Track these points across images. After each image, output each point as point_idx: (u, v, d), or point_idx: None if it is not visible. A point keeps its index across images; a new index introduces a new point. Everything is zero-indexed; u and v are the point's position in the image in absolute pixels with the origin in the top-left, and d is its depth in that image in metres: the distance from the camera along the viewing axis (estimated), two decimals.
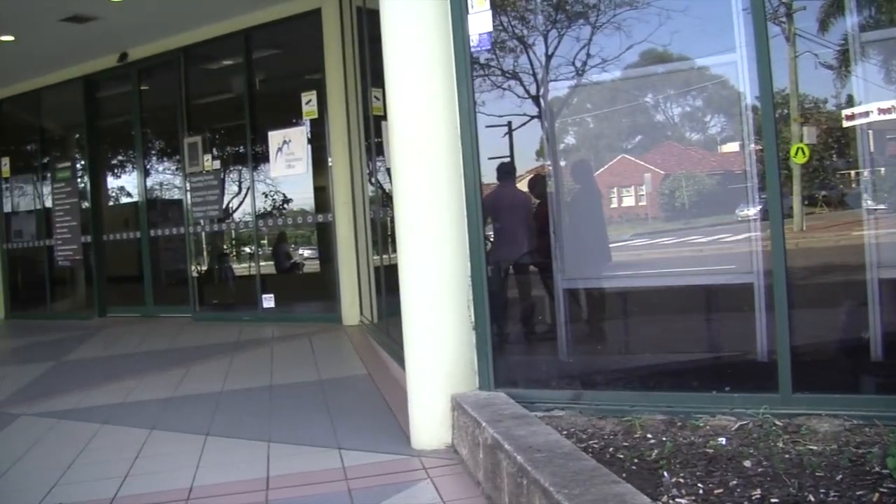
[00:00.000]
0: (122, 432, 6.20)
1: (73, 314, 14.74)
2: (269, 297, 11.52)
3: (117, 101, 14.40)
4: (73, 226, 14.27)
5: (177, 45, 12.39)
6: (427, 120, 5.07)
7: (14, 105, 15.60)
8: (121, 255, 14.26)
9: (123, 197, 15.20)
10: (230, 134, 13.13)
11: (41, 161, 15.42)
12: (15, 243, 15.78)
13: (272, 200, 12.57)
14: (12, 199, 15.92)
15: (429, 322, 5.09)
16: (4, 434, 6.56)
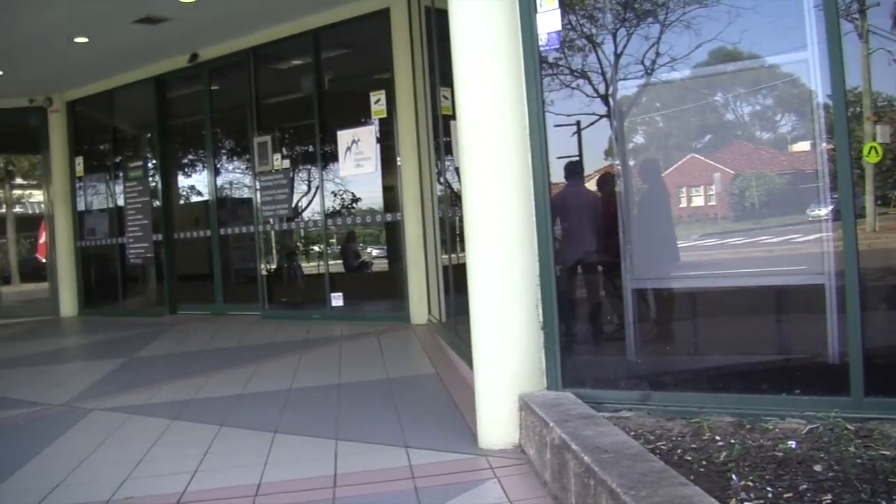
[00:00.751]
0: (191, 428, 6.31)
1: (144, 311, 15.04)
2: (338, 295, 11.61)
3: (188, 101, 14.65)
4: (145, 224, 14.53)
5: (246, 45, 12.57)
6: (496, 119, 5.07)
7: (87, 105, 15.91)
8: (191, 254, 14.47)
9: (194, 196, 15.43)
10: (299, 133, 13.26)
11: (114, 160, 15.73)
12: (88, 241, 16.10)
13: (341, 199, 12.66)
14: (86, 198, 16.21)
15: (497, 321, 5.09)
16: (77, 429, 6.68)
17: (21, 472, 5.52)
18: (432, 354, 8.46)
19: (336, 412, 6.41)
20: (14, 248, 19.00)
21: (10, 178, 19.58)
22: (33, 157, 18.43)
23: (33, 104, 15.87)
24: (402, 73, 10.53)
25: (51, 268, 16.41)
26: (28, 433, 6.70)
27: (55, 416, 7.21)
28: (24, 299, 17.96)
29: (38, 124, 16.22)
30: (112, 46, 12.63)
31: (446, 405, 6.30)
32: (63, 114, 15.95)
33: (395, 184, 11.04)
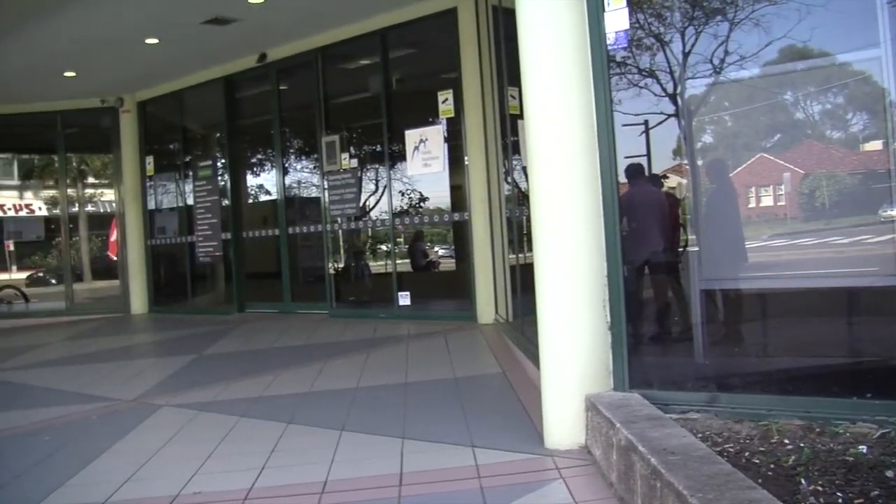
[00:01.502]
0: (259, 425, 6.41)
1: (212, 309, 15.28)
2: (405, 294, 11.67)
3: (257, 101, 14.84)
4: (214, 223, 14.74)
5: (314, 45, 12.70)
6: (563, 118, 5.06)
7: (158, 106, 16.20)
8: (259, 252, 14.63)
9: (262, 195, 15.64)
10: (367, 133, 13.37)
11: (183, 160, 15.99)
12: (158, 239, 16.38)
13: (409, 199, 12.74)
14: (156, 197, 16.49)
15: (564, 321, 5.09)
16: (147, 424, 6.84)
17: (93, 465, 5.68)
18: (499, 354, 8.46)
19: (402, 411, 6.45)
20: (86, 246, 19.41)
21: (83, 178, 19.97)
22: (105, 157, 18.82)
23: (105, 105, 16.19)
24: (470, 72, 10.57)
25: (122, 266, 16.72)
26: (100, 428, 6.89)
27: (126, 412, 7.39)
28: (96, 296, 18.34)
29: (109, 124, 16.58)
30: (182, 47, 12.88)
31: (512, 405, 6.30)
32: (134, 114, 16.25)
33: (462, 183, 11.07)
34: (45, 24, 11.05)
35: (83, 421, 7.18)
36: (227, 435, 6.16)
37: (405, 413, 6.37)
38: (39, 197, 21.69)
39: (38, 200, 21.81)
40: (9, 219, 20.62)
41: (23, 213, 22.32)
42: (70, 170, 18.49)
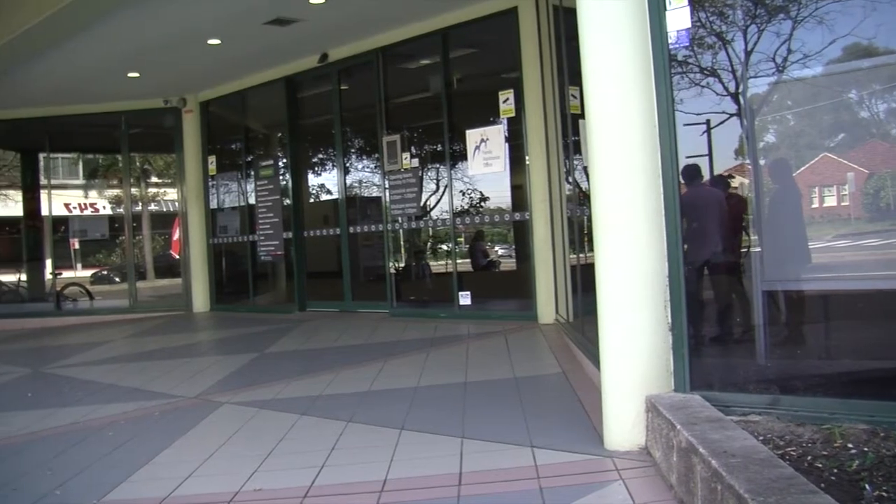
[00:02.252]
0: (319, 423, 6.50)
1: (274, 308, 15.49)
2: (466, 294, 11.69)
3: (318, 101, 14.96)
4: (276, 222, 14.88)
5: (375, 45, 12.78)
6: (624, 118, 5.09)
7: (220, 105, 16.42)
8: (320, 251, 14.77)
9: (323, 194, 15.81)
10: (428, 132, 13.43)
11: (245, 159, 16.16)
12: (220, 238, 16.57)
13: (469, 198, 12.81)
14: (218, 196, 16.66)
15: (624, 322, 5.12)
16: (209, 421, 7.00)
17: (156, 461, 5.85)
18: (559, 354, 8.46)
19: (462, 410, 6.50)
20: (149, 245, 19.72)
21: (146, 177, 20.34)
22: (168, 157, 19.17)
23: (168, 105, 16.42)
24: (531, 72, 10.58)
25: (184, 264, 16.93)
26: (163, 424, 7.06)
27: (188, 409, 7.56)
28: (159, 294, 18.63)
29: (172, 124, 16.78)
30: (244, 48, 13.03)
31: (572, 405, 6.32)
32: (196, 114, 16.47)
33: (523, 183, 11.08)
34: (109, 25, 11.26)
35: (146, 417, 7.37)
36: (288, 432, 6.28)
37: (465, 412, 6.42)
38: (104, 196, 22.16)
39: (102, 199, 22.27)
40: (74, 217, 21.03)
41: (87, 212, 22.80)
42: (134, 169, 18.79)
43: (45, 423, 7.46)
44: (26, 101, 15.99)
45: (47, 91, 15.15)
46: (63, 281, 18.77)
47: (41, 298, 18.44)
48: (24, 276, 19.29)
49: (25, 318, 17.21)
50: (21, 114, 16.74)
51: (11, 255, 20.08)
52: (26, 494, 5.37)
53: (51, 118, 16.94)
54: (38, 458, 6.25)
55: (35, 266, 19.11)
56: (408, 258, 13.98)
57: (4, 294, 19.12)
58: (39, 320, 16.96)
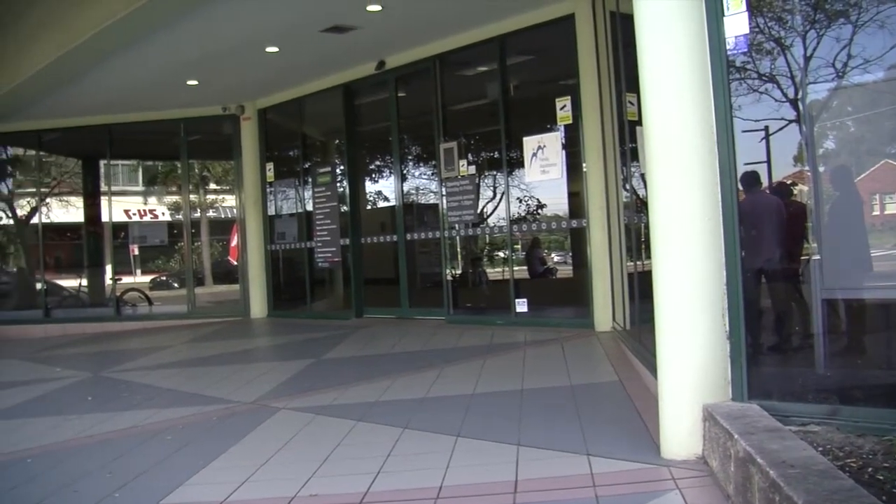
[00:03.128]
0: (375, 430, 6.54)
1: (331, 314, 15.60)
2: (523, 301, 11.71)
3: (375, 108, 15.07)
4: (333, 229, 15.00)
5: (432, 52, 12.87)
6: (681, 125, 5.08)
7: (278, 113, 16.62)
8: (377, 258, 14.84)
9: (381, 201, 15.88)
10: (485, 139, 13.48)
11: (303, 166, 16.32)
12: (277, 245, 16.68)
13: (526, 205, 12.82)
14: (275, 203, 16.82)
15: (681, 330, 5.10)
16: (265, 426, 7.08)
17: (212, 466, 5.95)
18: (616, 362, 8.43)
19: (518, 417, 6.48)
20: (207, 251, 19.95)
21: (205, 184, 20.57)
22: (226, 163, 19.36)
23: (226, 112, 16.66)
24: (588, 78, 10.59)
25: (242, 270, 17.13)
26: (219, 429, 7.15)
27: (245, 414, 7.65)
28: (217, 300, 18.81)
29: (230, 131, 17.04)
30: (302, 55, 13.22)
31: (629, 414, 6.30)
32: (254, 121, 16.68)
33: (580, 190, 11.09)
34: (169, 34, 11.49)
35: (203, 422, 7.48)
36: (344, 438, 6.33)
37: (521, 420, 6.40)
38: (163, 202, 22.45)
39: (161, 206, 22.55)
40: (134, 224, 21.29)
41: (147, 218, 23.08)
42: (192, 176, 19.00)
43: (105, 427, 7.62)
44: (88, 110, 16.37)
45: (108, 99, 15.49)
46: (123, 286, 19.06)
47: (101, 303, 18.79)
48: (84, 281, 19.64)
49: (86, 322, 17.59)
50: (82, 121, 17.15)
51: (73, 261, 20.43)
52: (86, 497, 5.48)
53: (112, 125, 17.32)
54: (97, 461, 6.37)
55: (95, 271, 19.46)
56: (464, 265, 14.04)
57: (65, 299, 19.47)
58: (99, 325, 17.33)
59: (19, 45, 13.57)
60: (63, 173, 20.68)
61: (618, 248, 10.00)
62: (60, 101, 15.32)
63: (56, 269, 20.23)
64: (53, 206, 19.36)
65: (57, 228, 20.12)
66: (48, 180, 19.53)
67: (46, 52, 12.56)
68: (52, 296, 18.81)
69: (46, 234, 18.66)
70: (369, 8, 10.95)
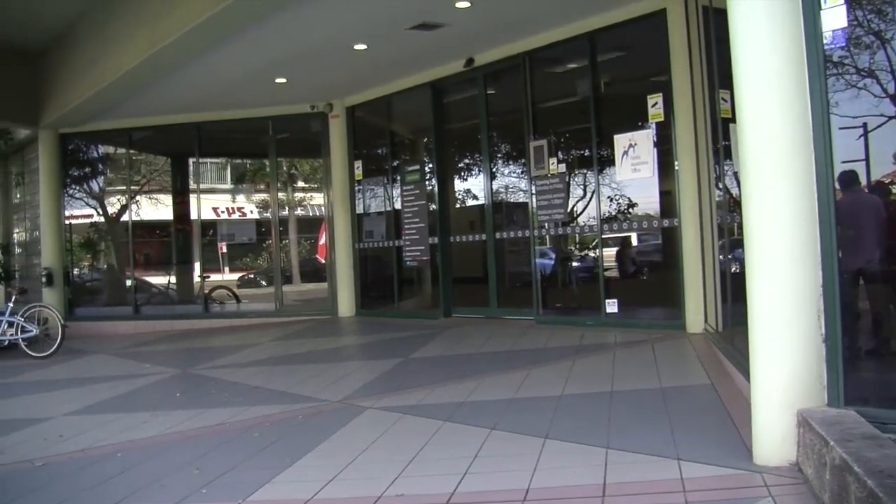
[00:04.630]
0: (462, 430, 6.59)
1: (419, 313, 15.71)
2: (613, 301, 11.70)
3: (464, 106, 15.13)
4: (422, 227, 15.10)
5: (521, 49, 12.91)
6: (776, 122, 5.04)
7: (366, 111, 16.79)
8: (466, 257, 14.94)
9: (469, 199, 15.99)
10: (575, 137, 13.45)
11: (391, 164, 16.40)
12: (366, 243, 16.86)
13: (617, 204, 12.79)
14: (364, 201, 16.99)
15: (775, 332, 5.04)
16: (352, 426, 7.18)
17: (299, 463, 6.09)
18: (708, 365, 8.39)
19: (607, 420, 6.48)
20: (295, 249, 20.26)
21: (293, 182, 20.88)
22: (314, 161, 19.66)
23: (314, 110, 16.89)
24: (680, 75, 10.56)
25: (330, 268, 17.31)
26: (306, 428, 7.28)
27: (331, 413, 7.77)
28: (305, 298, 19.07)
29: (319, 129, 17.24)
30: (390, 53, 13.38)
31: (720, 418, 6.27)
32: (343, 119, 16.87)
33: (672, 189, 11.06)
34: (258, 32, 11.72)
35: (290, 420, 7.63)
36: (431, 439, 6.40)
37: (610, 422, 6.41)
38: (251, 200, 22.84)
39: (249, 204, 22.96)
40: (222, 221, 21.70)
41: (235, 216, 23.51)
42: (280, 174, 19.30)
43: (193, 423, 7.84)
44: (177, 108, 16.78)
45: (197, 97, 15.87)
46: (211, 284, 19.46)
47: (189, 301, 19.20)
48: (173, 278, 20.08)
49: (174, 319, 18.03)
50: (172, 119, 17.61)
51: (161, 258, 20.89)
52: (174, 492, 5.62)
53: (200, 124, 17.74)
54: (185, 457, 6.56)
55: (184, 269, 19.91)
56: (554, 265, 14.05)
57: (154, 296, 19.92)
58: (187, 322, 17.75)
59: (108, 46, 13.97)
60: (153, 171, 21.14)
61: (710, 248, 9.93)
62: (150, 99, 15.71)
63: (145, 266, 20.70)
64: (143, 203, 19.79)
65: (146, 226, 20.59)
66: (138, 178, 19.97)
67: (135, 52, 12.90)
68: (142, 293, 19.27)
69: (136, 232, 19.09)
70: (458, 5, 11.05)
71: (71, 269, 19.15)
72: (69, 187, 19.36)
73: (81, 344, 15.60)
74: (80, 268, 20.29)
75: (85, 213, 20.17)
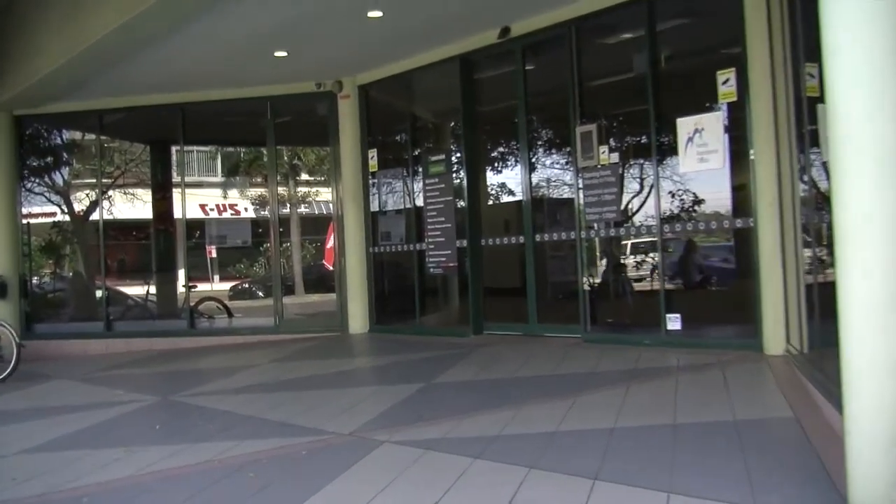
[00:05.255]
0: (496, 469, 6.50)
1: (444, 330, 15.75)
2: (675, 317, 11.62)
3: (498, 84, 15.16)
4: (448, 228, 15.05)
5: (567, 16, 12.79)
6: (874, 101, 4.82)
7: (382, 90, 16.78)
8: (500, 263, 14.92)
9: (504, 195, 15.96)
10: (630, 121, 13.44)
11: (412, 153, 16.38)
12: (382, 247, 16.82)
13: (680, 200, 12.73)
14: (379, 197, 16.99)
15: (873, 354, 4.84)
16: (366, 462, 7.08)
17: None
18: (790, 393, 8.30)
19: (670, 458, 6.41)
20: (298, 254, 20.28)
21: (295, 174, 20.87)
22: (321, 150, 19.64)
23: (321, 89, 16.89)
24: (757, 46, 10.44)
25: (339, 277, 17.30)
26: (310, 465, 7.20)
27: (340, 447, 7.70)
28: (309, 312, 19.14)
29: (326, 112, 17.30)
30: (411, 21, 13.32)
31: (806, 456, 6.18)
32: (354, 100, 16.84)
33: (746, 182, 10.95)
34: None
35: (291, 456, 7.55)
36: (458, 480, 6.31)
37: (673, 461, 6.33)
38: (246, 196, 22.89)
39: (244, 200, 23.01)
40: (211, 221, 21.77)
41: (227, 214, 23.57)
42: (280, 165, 19.34)
43: (175, 461, 7.75)
44: (157, 86, 16.82)
45: (182, 73, 15.88)
46: (198, 295, 19.51)
47: (172, 315, 19.29)
48: (152, 288, 20.12)
49: (154, 337, 18.08)
50: (151, 100, 17.66)
51: (139, 265, 21.00)
52: None
53: (186, 105, 17.78)
54: (167, 501, 6.53)
55: (166, 277, 19.98)
56: (605, 272, 14.00)
57: (130, 309, 19.95)
58: (170, 340, 17.77)
59: (75, 11, 13.89)
60: (128, 161, 21.20)
61: (793, 253, 9.84)
62: (125, 75, 15.63)
63: (119, 273, 20.78)
64: (117, 199, 19.87)
65: (121, 226, 20.73)
66: (111, 170, 20.03)
67: (107, 17, 12.80)
68: (115, 305, 19.32)
69: (108, 233, 19.20)
70: None
71: (29, 278, 19.17)
72: (27, 180, 19.42)
73: (42, 367, 15.58)
74: (40, 276, 20.37)
75: (46, 210, 20.28)
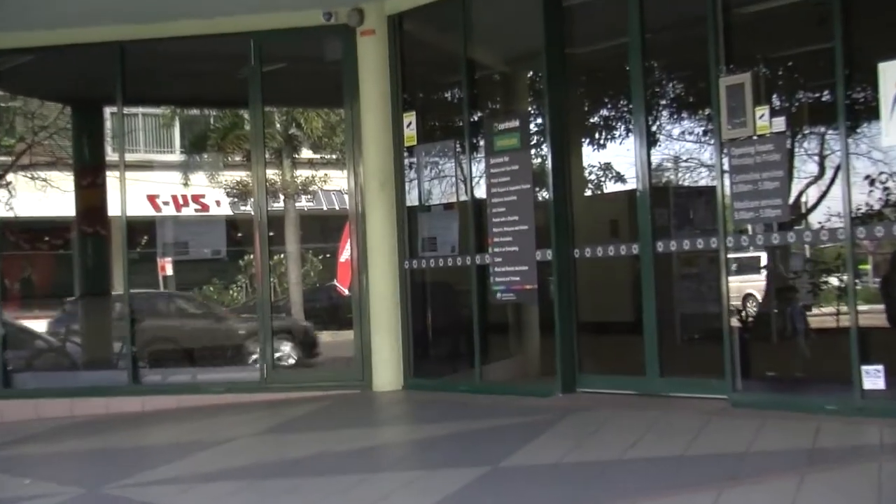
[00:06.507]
0: None
1: (517, 386, 15.82)
2: (875, 370, 11.39)
3: (600, 16, 15.12)
4: (522, 231, 14.85)
5: None
6: None
7: (421, 22, 16.73)
8: (603, 285, 14.81)
9: (609, 181, 15.81)
10: (802, 69, 13.29)
11: (468, 119, 16.07)
12: (422, 260, 16.60)
13: (883, 190, 12.57)
14: (419, 185, 16.84)
15: None
16: None
17: None
18: None
19: None
20: (298, 270, 20.11)
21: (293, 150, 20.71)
22: (332, 114, 19.49)
23: (331, 22, 16.61)
24: None
25: (359, 305, 17.04)
26: None
27: None
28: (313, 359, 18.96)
29: (338, 57, 17.16)
30: None
31: None
32: (382, 37, 16.60)
33: None
34: None
35: None
36: None
37: None
38: (217, 183, 22.68)
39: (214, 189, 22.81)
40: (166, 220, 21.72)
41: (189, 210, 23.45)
42: (271, 136, 19.19)
43: None
44: (84, 16, 16.58)
45: None
46: (145, 332, 19.36)
47: (105, 363, 19.15)
48: (74, 322, 20.02)
49: (78, 397, 17.81)
50: (74, 36, 17.37)
51: (54, 286, 20.91)
52: None
53: (127, 44, 17.57)
54: None
55: (95, 305, 19.82)
56: (765, 299, 13.85)
57: (41, 355, 19.86)
58: (103, 401, 17.55)
59: None
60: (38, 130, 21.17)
61: None
62: None
63: (23, 300, 20.72)
64: (20, 187, 19.82)
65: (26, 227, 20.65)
66: (10, 142, 19.99)
67: None
68: (16, 348, 19.22)
69: (6, 239, 19.11)
70: None
71: None
72: None
73: None
74: None
75: None
